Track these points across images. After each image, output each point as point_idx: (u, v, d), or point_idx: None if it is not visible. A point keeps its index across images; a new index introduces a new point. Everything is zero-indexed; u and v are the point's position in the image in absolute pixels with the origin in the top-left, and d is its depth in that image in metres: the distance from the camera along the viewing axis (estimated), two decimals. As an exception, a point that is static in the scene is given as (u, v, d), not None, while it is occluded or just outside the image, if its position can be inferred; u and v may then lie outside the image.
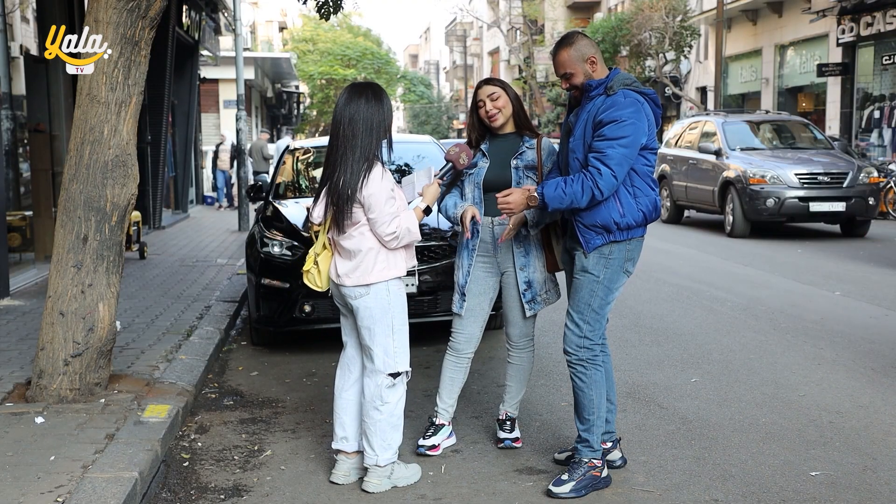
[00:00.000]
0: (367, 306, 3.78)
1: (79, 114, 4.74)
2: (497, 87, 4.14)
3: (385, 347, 3.81)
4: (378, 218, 3.70)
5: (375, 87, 3.85)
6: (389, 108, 3.82)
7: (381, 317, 3.79)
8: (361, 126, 3.70)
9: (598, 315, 3.84)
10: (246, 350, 6.58)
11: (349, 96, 3.76)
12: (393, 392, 3.84)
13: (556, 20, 39.03)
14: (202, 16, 17.77)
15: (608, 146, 3.65)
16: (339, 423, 3.98)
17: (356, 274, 3.77)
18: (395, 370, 3.83)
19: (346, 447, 3.96)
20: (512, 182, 4.10)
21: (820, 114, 22.43)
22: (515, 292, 4.17)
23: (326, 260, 3.91)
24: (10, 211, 8.26)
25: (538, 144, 4.16)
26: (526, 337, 4.26)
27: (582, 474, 3.78)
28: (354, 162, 3.69)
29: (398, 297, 3.84)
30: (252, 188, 7.82)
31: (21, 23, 9.54)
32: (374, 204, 3.68)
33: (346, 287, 3.81)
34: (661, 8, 25.06)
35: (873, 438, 4.40)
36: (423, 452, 4.22)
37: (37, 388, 4.72)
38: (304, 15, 46.78)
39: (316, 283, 3.94)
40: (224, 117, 28.14)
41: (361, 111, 3.71)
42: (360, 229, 3.76)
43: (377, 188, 3.69)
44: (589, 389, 3.84)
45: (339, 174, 3.70)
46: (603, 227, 3.75)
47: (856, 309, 7.56)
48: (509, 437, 4.31)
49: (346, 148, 3.71)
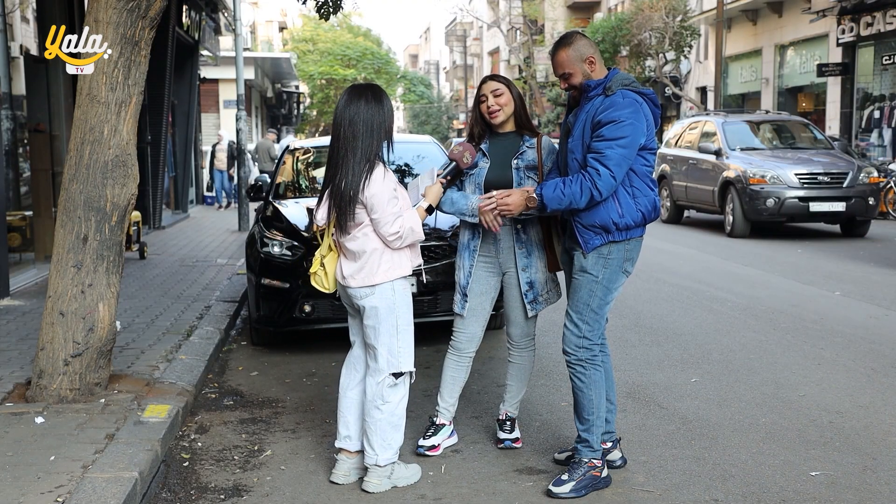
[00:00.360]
0: (372, 305, 3.79)
1: (79, 114, 4.74)
2: (501, 84, 4.13)
3: (389, 347, 3.81)
4: (381, 218, 3.71)
5: (376, 88, 3.86)
6: (390, 109, 3.82)
7: (386, 316, 3.79)
8: (361, 127, 3.70)
9: (597, 315, 3.84)
10: (246, 350, 6.58)
11: (349, 98, 3.77)
12: (395, 392, 3.84)
13: (556, 20, 39.03)
14: (202, 16, 17.77)
15: (607, 147, 3.65)
16: (342, 421, 3.98)
17: (361, 275, 3.78)
18: (398, 370, 3.83)
19: (349, 446, 3.96)
20: (513, 182, 4.09)
21: (820, 114, 22.43)
22: (517, 293, 4.17)
23: (333, 262, 3.92)
24: (10, 211, 8.26)
25: (538, 144, 4.15)
26: (527, 336, 4.26)
27: (582, 474, 3.78)
28: (356, 163, 3.69)
29: (403, 296, 3.84)
30: (252, 188, 7.82)
31: (21, 23, 9.54)
32: (377, 204, 3.69)
33: (352, 288, 3.82)
34: (661, 8, 25.06)
35: (873, 438, 4.40)
36: (422, 453, 4.22)
37: (37, 388, 4.72)
38: (304, 15, 46.76)
39: (323, 284, 3.96)
40: (224, 117, 28.14)
41: (361, 113, 3.72)
42: (364, 230, 3.76)
43: (379, 189, 3.69)
44: (588, 389, 3.84)
45: (341, 176, 3.71)
46: (602, 228, 3.75)
47: (856, 309, 7.56)
48: (509, 437, 4.31)
49: (347, 150, 3.71)
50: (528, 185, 4.05)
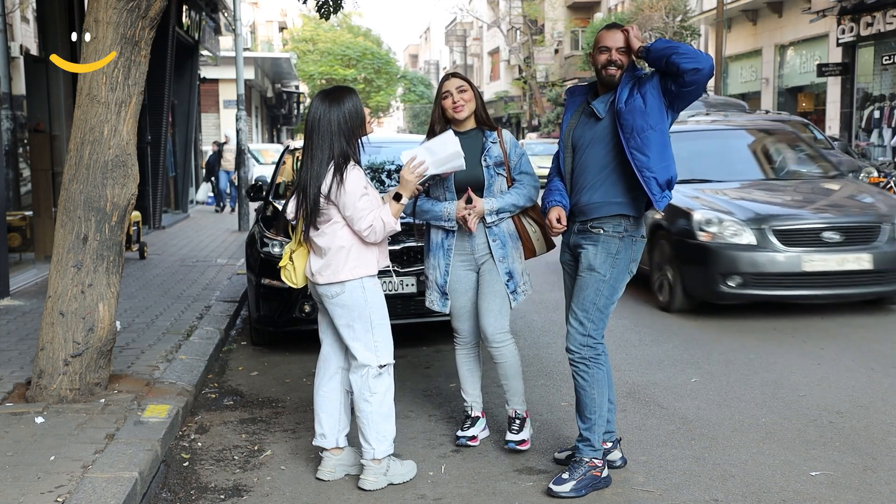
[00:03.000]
0: (343, 304, 3.83)
1: (79, 114, 4.74)
2: (464, 81, 4.22)
3: (366, 343, 3.86)
4: (353, 215, 3.77)
5: (341, 90, 3.92)
6: (354, 109, 3.85)
7: (359, 315, 3.84)
8: (325, 127, 3.80)
9: (602, 314, 3.85)
10: (246, 350, 6.58)
11: (314, 101, 3.89)
12: (380, 382, 3.87)
13: (556, 20, 39.03)
14: (202, 16, 17.77)
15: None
16: (317, 419, 4.04)
17: (328, 272, 3.83)
18: (378, 363, 3.87)
19: (324, 443, 4.01)
20: (484, 180, 4.15)
21: (820, 114, 22.44)
22: (496, 278, 4.18)
23: (302, 257, 3.98)
24: (10, 211, 8.26)
25: (500, 137, 4.23)
26: (502, 331, 4.24)
27: (582, 474, 3.78)
28: (319, 162, 3.78)
29: (375, 294, 3.88)
30: (252, 188, 7.83)
31: (21, 23, 9.55)
32: (348, 202, 3.75)
33: (321, 286, 3.86)
34: (661, 8, 25.09)
35: (873, 438, 4.40)
36: (464, 443, 4.31)
37: (37, 388, 4.72)
38: (304, 15, 46.79)
39: (292, 279, 4.01)
40: (224, 117, 28.16)
41: (322, 114, 3.81)
42: (333, 227, 3.82)
43: (350, 188, 3.75)
44: (591, 388, 3.85)
45: (305, 173, 3.82)
46: (666, 184, 3.78)
47: (856, 309, 7.56)
48: (514, 439, 4.28)
49: (312, 149, 3.82)
50: (498, 182, 4.17)
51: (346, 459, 4.02)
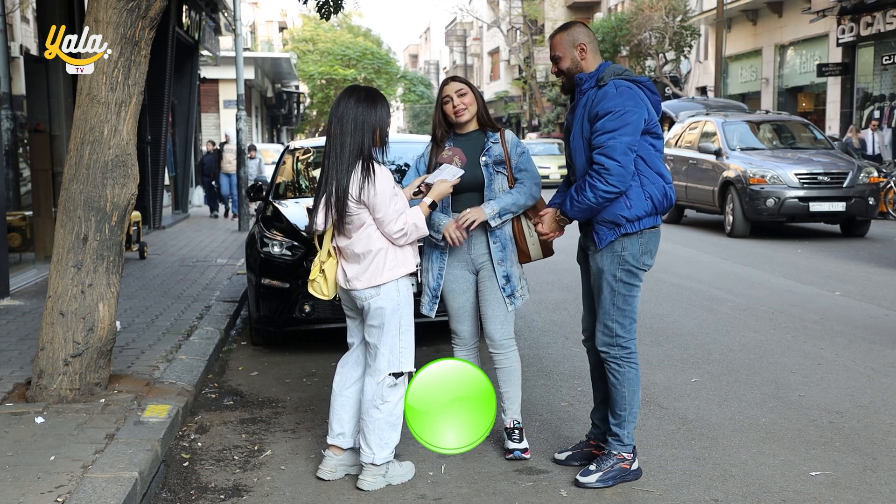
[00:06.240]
0: (378, 306, 3.79)
1: (79, 114, 4.74)
2: (464, 84, 4.17)
3: (391, 347, 3.82)
4: (384, 217, 3.72)
5: (372, 90, 3.88)
6: (385, 112, 3.81)
7: (390, 316, 3.80)
8: (350, 124, 3.71)
9: (624, 312, 3.84)
10: (246, 350, 6.58)
11: (341, 96, 3.81)
12: (394, 392, 3.85)
13: (556, 20, 38.96)
14: (202, 16, 17.77)
15: (609, 138, 3.63)
16: (337, 419, 3.99)
17: (367, 275, 3.78)
18: (399, 370, 3.84)
19: (342, 443, 3.98)
20: (484, 180, 4.11)
21: (820, 114, 22.45)
22: (495, 285, 4.16)
23: (332, 268, 3.91)
24: (10, 211, 8.26)
25: (502, 138, 4.19)
26: (508, 336, 4.22)
27: (610, 465, 3.82)
28: (345, 160, 3.70)
29: (407, 296, 3.86)
30: (252, 188, 7.83)
31: (21, 23, 9.55)
32: (379, 204, 3.70)
33: (358, 290, 3.81)
34: (661, 8, 25.08)
35: (873, 438, 4.40)
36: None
37: (37, 388, 4.72)
38: (304, 15, 46.80)
39: (322, 291, 3.95)
40: (224, 117, 28.15)
41: (351, 109, 3.73)
42: (368, 231, 3.77)
43: (380, 188, 3.70)
44: (621, 386, 3.86)
45: (332, 176, 3.72)
46: (612, 223, 3.74)
47: (856, 309, 7.56)
48: (518, 447, 4.24)
49: (337, 146, 3.72)
50: (498, 181, 4.11)
51: (348, 459, 4.01)
